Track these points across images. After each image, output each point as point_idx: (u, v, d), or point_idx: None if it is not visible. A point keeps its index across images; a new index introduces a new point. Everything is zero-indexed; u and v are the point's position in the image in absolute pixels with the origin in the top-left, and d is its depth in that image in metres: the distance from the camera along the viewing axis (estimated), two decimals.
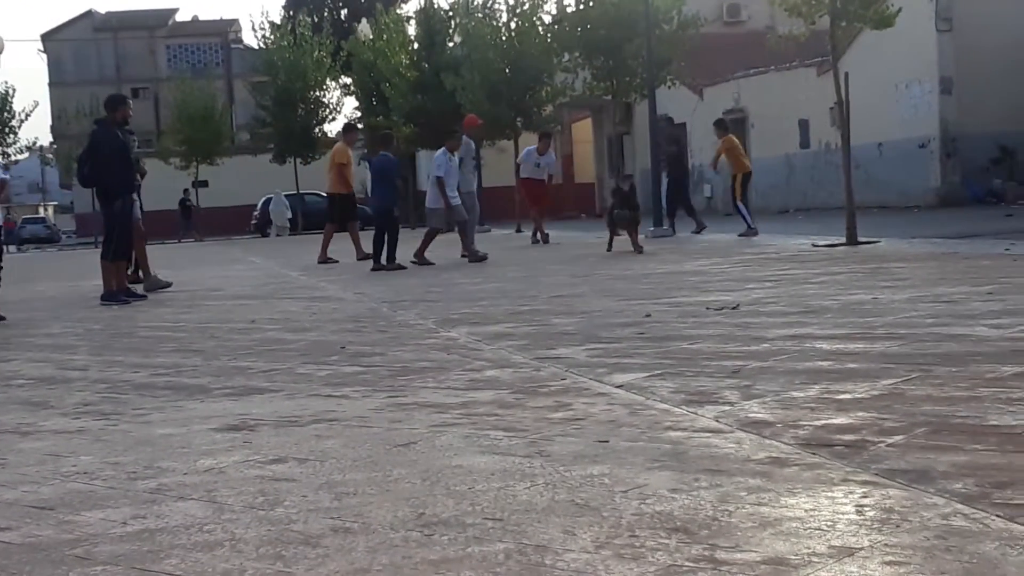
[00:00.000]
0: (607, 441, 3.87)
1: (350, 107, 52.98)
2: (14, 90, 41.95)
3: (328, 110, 47.34)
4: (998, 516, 2.74)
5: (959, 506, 2.85)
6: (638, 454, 3.64)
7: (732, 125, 32.45)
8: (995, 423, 3.75)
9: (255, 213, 45.94)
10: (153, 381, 6.14)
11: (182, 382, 6.03)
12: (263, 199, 44.59)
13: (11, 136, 42.21)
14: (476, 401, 4.85)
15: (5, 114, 42.01)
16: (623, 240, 16.02)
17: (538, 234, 20.66)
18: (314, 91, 46.55)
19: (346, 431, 4.37)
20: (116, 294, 12.35)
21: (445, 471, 3.57)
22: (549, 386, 5.12)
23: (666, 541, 2.71)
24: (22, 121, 42.81)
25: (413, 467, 3.66)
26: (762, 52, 27.49)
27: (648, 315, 7.67)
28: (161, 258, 24.24)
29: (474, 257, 15.99)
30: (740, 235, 17.81)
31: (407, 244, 16.29)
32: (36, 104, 48.50)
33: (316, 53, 45.94)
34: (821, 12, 14.45)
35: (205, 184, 48.22)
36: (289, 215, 42.44)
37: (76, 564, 2.81)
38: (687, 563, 2.54)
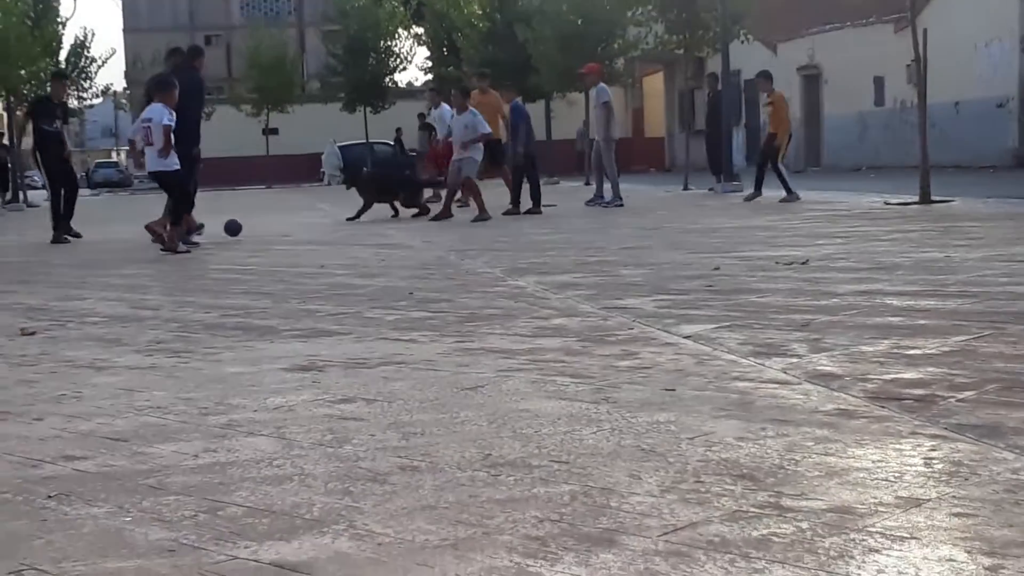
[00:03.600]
0: (674, 389, 3.87)
1: (421, 57, 52.87)
2: (93, 34, 42.24)
3: (399, 60, 47.30)
4: None
5: None
6: (705, 403, 3.64)
7: (807, 82, 32.14)
8: None
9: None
10: (223, 322, 6.21)
11: (252, 323, 6.09)
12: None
13: (87, 81, 42.55)
14: (543, 348, 4.86)
15: (83, 60, 42.34)
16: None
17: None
18: (385, 40, 46.47)
19: (414, 374, 4.40)
20: (187, 235, 12.50)
21: (512, 414, 3.59)
22: (616, 335, 5.12)
23: (731, 487, 2.71)
24: (100, 67, 43.14)
25: (480, 410, 3.68)
26: (839, 7, 27.15)
27: (717, 268, 7.63)
28: (229, 204, 24.44)
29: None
30: (783, 200, 16.08)
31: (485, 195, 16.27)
32: (113, 51, 48.85)
33: (388, 2, 45.86)
34: None
35: (276, 132, 48.43)
36: (340, 165, 42.45)
37: (149, 493, 2.87)
38: (752, 509, 2.54)
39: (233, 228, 13.83)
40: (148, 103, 12.04)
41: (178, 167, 11.80)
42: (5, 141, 33.40)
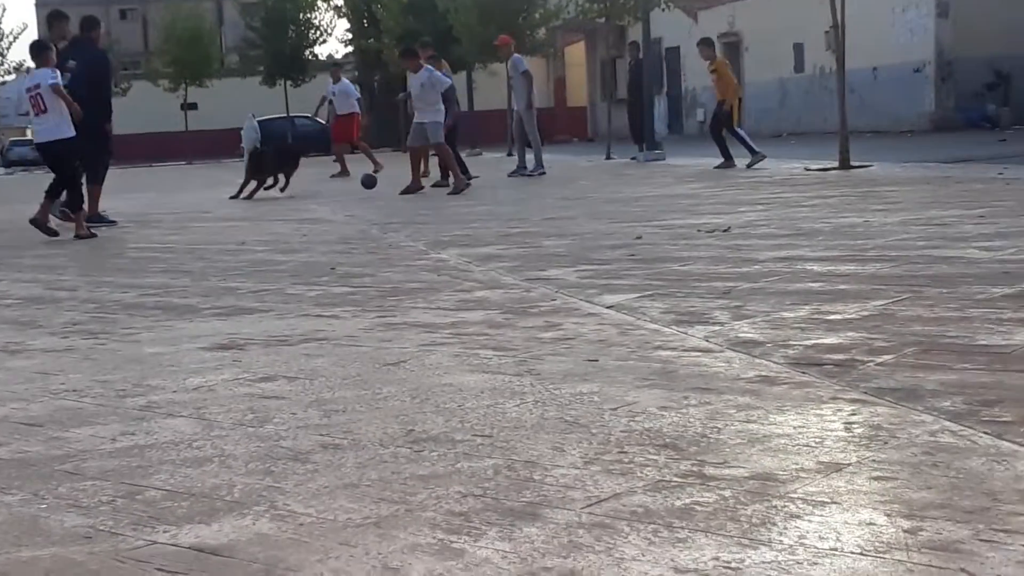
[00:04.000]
0: (597, 360, 3.87)
1: (341, 29, 52.45)
2: (4, 9, 41.52)
3: (319, 32, 46.95)
4: (985, 433, 2.75)
5: (947, 423, 2.85)
6: (628, 373, 3.64)
7: (727, 49, 32.24)
8: (984, 343, 3.75)
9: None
10: (142, 301, 6.12)
11: (171, 302, 6.01)
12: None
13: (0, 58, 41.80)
14: (466, 321, 4.84)
15: None
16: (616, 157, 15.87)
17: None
18: (305, 13, 46.13)
19: (336, 350, 4.36)
20: (102, 216, 12.28)
21: (435, 389, 3.57)
22: (539, 306, 5.11)
23: (655, 457, 2.71)
24: (12, 43, 42.38)
25: (402, 385, 3.66)
26: None
27: (639, 237, 7.65)
28: (148, 181, 24.15)
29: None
30: (749, 165, 15.98)
31: (399, 167, 16.20)
32: (25, 26, 47.97)
33: None
34: None
35: (194, 107, 47.86)
36: (260, 139, 42.20)
37: (65, 479, 2.81)
38: (675, 478, 2.54)
39: (369, 182, 14.26)
40: None
41: (73, 135, 10.82)
42: None
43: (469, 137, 30.26)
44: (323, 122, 29.81)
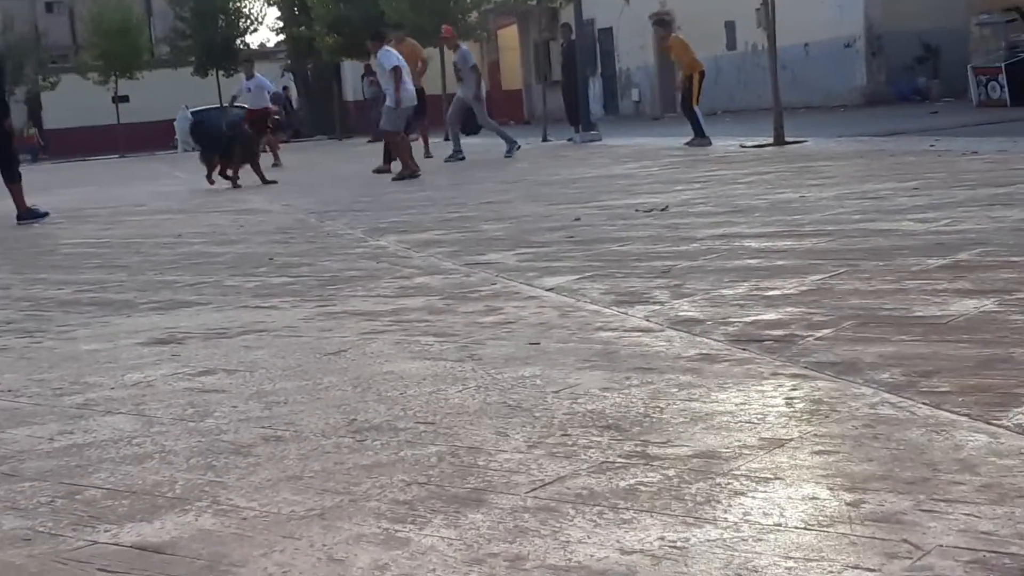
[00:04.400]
0: (538, 343, 3.87)
1: (272, 18, 52.04)
2: None
3: (250, 21, 46.55)
4: (924, 404, 2.77)
5: (886, 395, 2.87)
6: (569, 355, 3.64)
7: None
8: (920, 314, 3.79)
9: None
10: (78, 298, 6.05)
11: (107, 298, 5.94)
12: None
13: None
14: (406, 308, 4.82)
15: None
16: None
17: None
18: (234, 2, 45.70)
19: (275, 341, 4.33)
20: (33, 211, 12.12)
21: (376, 378, 3.55)
22: (479, 291, 5.10)
23: (598, 439, 2.71)
24: None
25: (344, 375, 3.64)
26: None
27: (577, 219, 7.66)
28: (81, 175, 23.86)
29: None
30: (688, 143, 16.00)
31: (335, 155, 16.11)
32: None
33: None
34: None
35: (126, 99, 47.32)
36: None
37: (3, 481, 2.77)
38: (619, 459, 2.54)
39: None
40: None
41: None
42: None
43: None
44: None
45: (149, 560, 2.18)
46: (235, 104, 23.05)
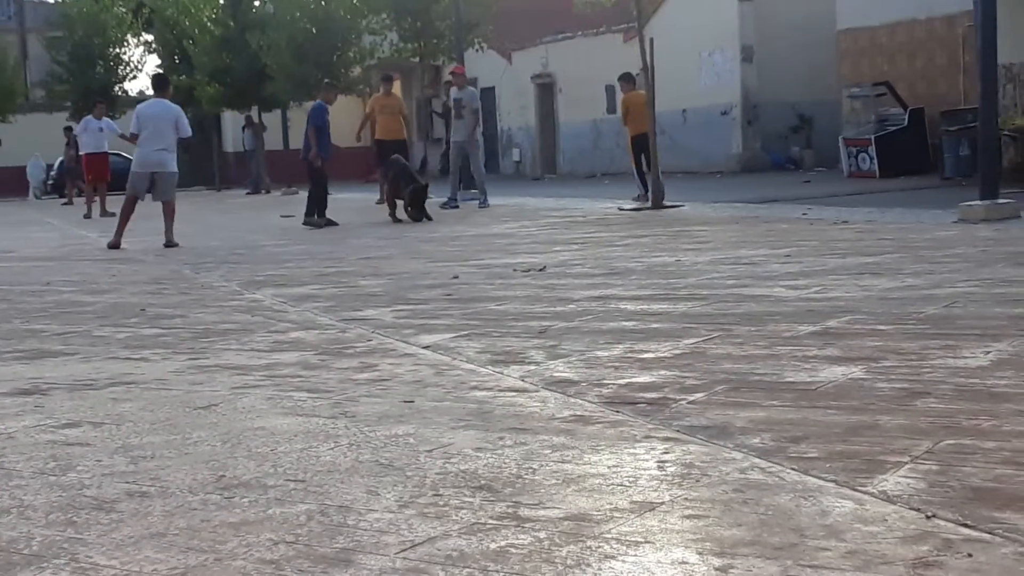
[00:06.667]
0: (412, 401, 3.84)
1: (152, 65, 51.51)
2: None
3: (130, 68, 45.94)
4: (793, 469, 2.81)
5: (756, 460, 2.91)
6: (443, 414, 3.62)
7: (541, 90, 32.69)
8: (791, 380, 3.85)
9: (52, 173, 44.38)
10: None
11: None
12: (59, 160, 43.13)
13: None
14: (280, 363, 4.76)
15: None
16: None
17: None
18: (114, 48, 45.08)
19: (144, 394, 4.24)
20: None
21: (247, 433, 3.50)
22: (355, 347, 5.07)
23: (470, 499, 2.69)
24: None
25: (214, 429, 3.57)
26: (570, 17, 27.71)
27: (455, 277, 7.66)
28: None
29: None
30: (635, 199, 15.72)
31: (213, 206, 15.92)
32: None
33: (116, 8, 44.49)
34: None
35: None
36: (44, 178, 42.61)
37: None
38: (491, 520, 2.53)
39: None
40: None
41: None
42: None
43: (283, 175, 30.03)
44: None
45: None
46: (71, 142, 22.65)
